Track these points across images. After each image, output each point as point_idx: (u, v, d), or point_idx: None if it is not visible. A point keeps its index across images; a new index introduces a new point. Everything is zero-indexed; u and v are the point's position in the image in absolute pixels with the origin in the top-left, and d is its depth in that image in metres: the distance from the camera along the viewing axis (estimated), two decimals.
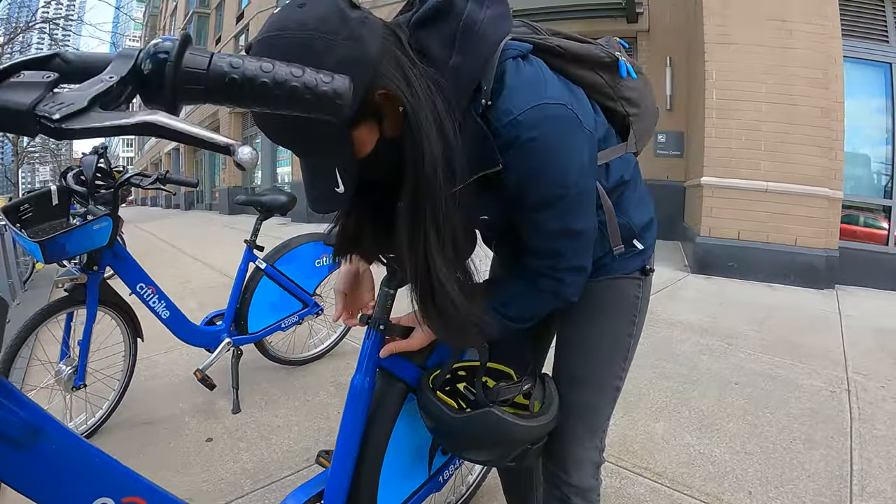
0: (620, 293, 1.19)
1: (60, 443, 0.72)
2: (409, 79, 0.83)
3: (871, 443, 2.39)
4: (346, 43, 0.75)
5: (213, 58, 0.54)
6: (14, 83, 0.51)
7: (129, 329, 2.44)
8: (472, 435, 1.09)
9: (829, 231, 5.67)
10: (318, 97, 0.56)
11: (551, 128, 0.88)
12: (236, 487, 1.98)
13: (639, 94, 1.17)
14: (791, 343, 3.66)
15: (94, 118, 0.48)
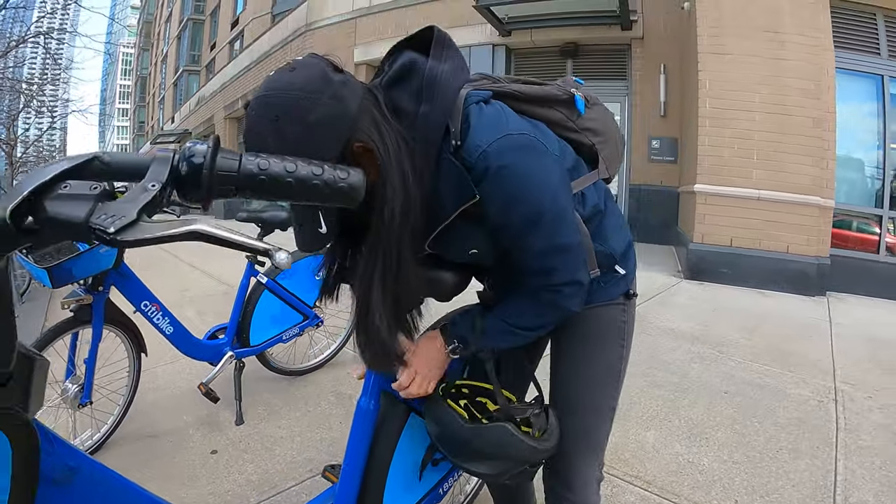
0: (607, 320, 1.27)
1: (94, 478, 0.79)
2: (382, 134, 0.94)
3: (855, 453, 2.47)
4: (329, 102, 0.87)
5: (242, 160, 0.61)
6: (64, 195, 0.57)
7: (133, 346, 2.49)
8: (480, 446, 1.16)
9: (821, 239, 5.78)
10: (336, 191, 0.64)
11: (518, 155, 1.00)
12: (242, 499, 2.04)
13: (600, 123, 1.29)
14: (781, 351, 3.74)
15: (144, 229, 0.55)
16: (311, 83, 0.87)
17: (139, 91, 46.37)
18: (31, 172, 0.59)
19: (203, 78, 22.90)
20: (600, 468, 1.34)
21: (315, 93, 0.86)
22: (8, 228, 0.55)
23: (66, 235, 0.57)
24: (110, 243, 0.54)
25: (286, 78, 0.88)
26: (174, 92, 28.01)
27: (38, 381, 0.67)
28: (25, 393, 0.65)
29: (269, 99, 0.86)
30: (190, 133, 22.12)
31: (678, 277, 6.10)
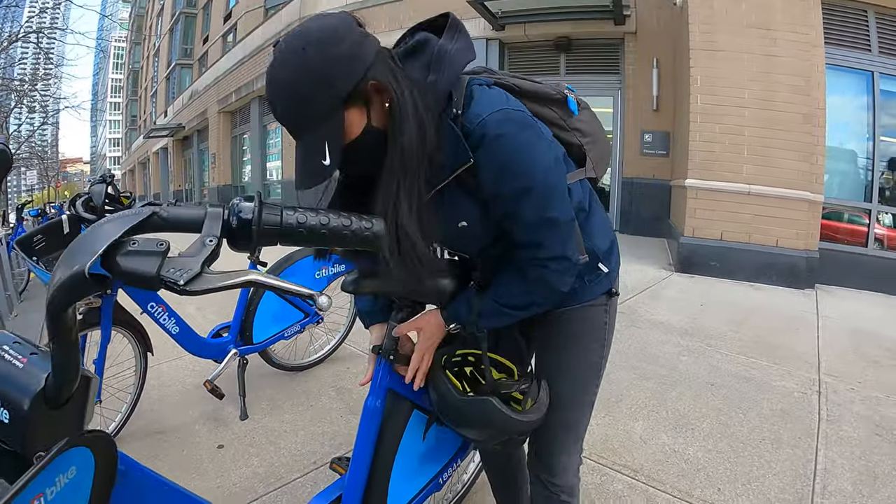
0: (590, 320, 1.38)
1: (138, 480, 0.88)
2: (396, 78, 1.04)
3: (836, 444, 2.58)
4: (352, 43, 0.98)
5: (283, 215, 0.71)
6: (133, 251, 0.67)
7: (140, 346, 2.58)
8: (468, 416, 1.30)
9: (810, 233, 5.88)
10: (363, 239, 0.75)
11: (515, 128, 1.08)
12: (250, 491, 2.14)
13: (589, 125, 1.39)
14: (768, 344, 3.85)
15: (207, 280, 0.65)
16: (339, 26, 0.99)
17: (131, 85, 46.09)
18: (96, 228, 0.68)
19: (196, 72, 22.81)
20: (580, 454, 1.47)
21: (341, 33, 0.98)
22: (86, 281, 0.64)
23: (139, 284, 0.66)
24: (180, 293, 0.64)
25: (319, 20, 1.00)
26: (167, 86, 27.90)
27: (92, 396, 0.77)
28: (83, 408, 0.75)
29: (301, 32, 0.98)
30: (183, 127, 22.06)
31: (669, 270, 6.20)
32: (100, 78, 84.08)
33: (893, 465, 2.43)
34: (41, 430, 0.69)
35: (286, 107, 0.99)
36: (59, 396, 0.70)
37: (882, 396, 3.13)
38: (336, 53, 0.96)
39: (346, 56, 0.97)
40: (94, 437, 0.76)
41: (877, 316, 5.02)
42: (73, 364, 0.71)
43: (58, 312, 0.67)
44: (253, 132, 15.92)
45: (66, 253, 0.68)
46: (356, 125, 1.02)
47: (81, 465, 0.75)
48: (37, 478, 0.66)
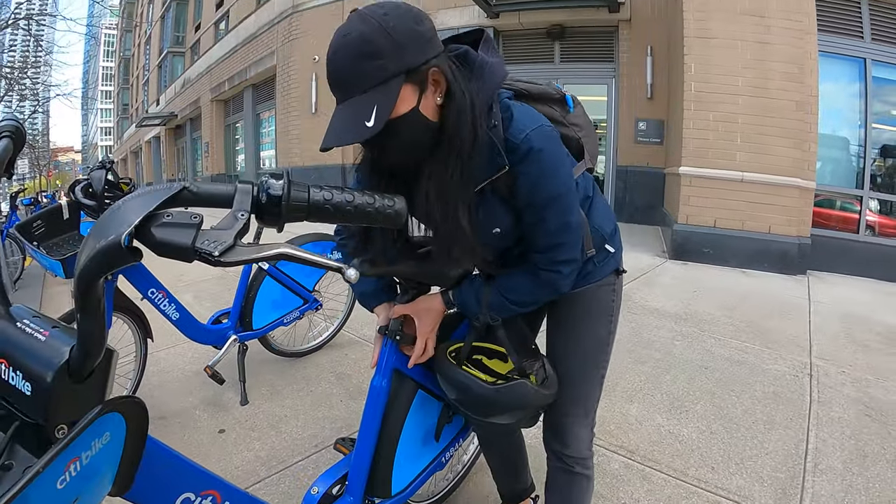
0: (600, 299, 1.46)
1: (156, 455, 0.90)
2: (456, 77, 1.10)
3: (827, 424, 2.63)
4: (427, 29, 1.06)
5: (310, 192, 0.74)
6: (168, 223, 0.68)
7: (140, 332, 2.60)
8: (504, 403, 1.35)
9: (802, 220, 5.94)
10: (386, 216, 0.78)
11: (551, 143, 1.18)
12: (252, 474, 2.17)
13: (582, 119, 1.48)
14: (760, 328, 3.91)
15: (240, 252, 0.67)
16: (420, 11, 1.07)
17: (122, 73, 45.61)
18: (127, 202, 0.70)
19: (188, 60, 22.59)
20: (592, 427, 1.53)
21: (422, 16, 1.06)
22: (121, 251, 0.66)
23: (174, 255, 0.68)
24: (214, 264, 0.66)
25: (379, 5, 1.03)
26: (159, 74, 27.64)
27: (113, 370, 0.79)
28: (104, 382, 0.77)
29: (384, 3, 1.04)
30: (176, 116, 21.89)
31: (663, 257, 6.25)
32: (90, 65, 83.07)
33: (882, 444, 2.49)
34: (63, 403, 0.71)
35: (351, 61, 1.00)
36: (82, 369, 0.72)
37: (872, 379, 3.19)
38: (415, 28, 1.02)
39: (422, 35, 1.03)
40: (127, 403, 0.78)
41: (867, 301, 5.08)
42: (100, 336, 0.72)
43: (89, 283, 0.68)
44: (246, 121, 15.84)
45: (95, 227, 0.69)
46: (405, 103, 1.04)
47: (115, 431, 0.77)
48: (74, 442, 0.68)
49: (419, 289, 1.42)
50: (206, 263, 0.67)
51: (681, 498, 2.06)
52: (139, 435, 0.82)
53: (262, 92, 14.84)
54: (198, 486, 1.00)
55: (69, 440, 0.67)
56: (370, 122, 0.98)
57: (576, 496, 1.51)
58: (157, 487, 0.93)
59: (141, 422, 0.82)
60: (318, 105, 11.33)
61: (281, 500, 2.02)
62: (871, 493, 2.14)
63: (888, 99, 6.69)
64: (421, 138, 1.10)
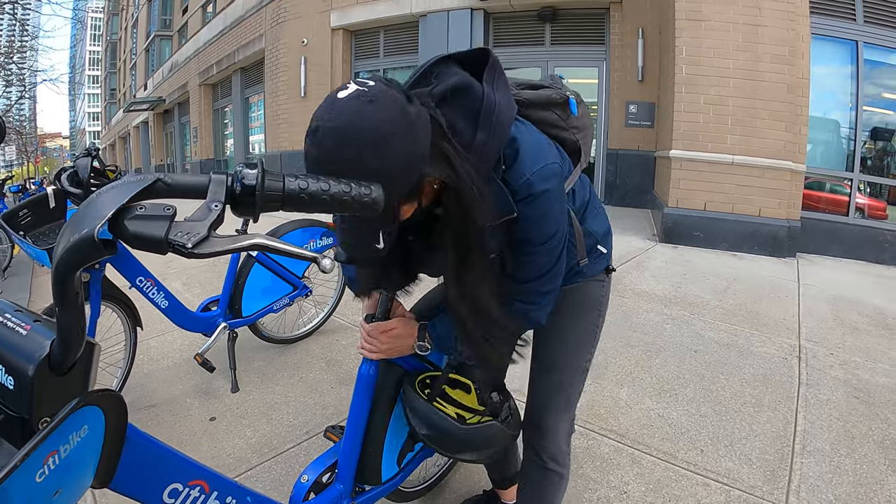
0: (590, 294, 1.47)
1: (141, 446, 0.90)
2: (453, 165, 1.00)
3: (815, 406, 2.66)
4: (406, 142, 0.89)
5: (285, 181, 0.72)
6: (141, 216, 0.68)
7: (129, 320, 2.58)
8: (473, 443, 1.37)
9: (792, 202, 5.96)
10: (363, 205, 0.77)
11: (552, 182, 1.13)
12: (244, 462, 2.17)
13: (582, 120, 1.42)
14: (750, 311, 3.93)
15: (214, 243, 0.66)
16: (390, 120, 0.87)
17: (109, 57, 45.06)
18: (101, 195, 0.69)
19: (175, 43, 22.34)
20: (571, 422, 1.51)
21: (395, 130, 0.88)
22: (95, 245, 0.65)
23: (147, 248, 0.67)
24: (188, 256, 0.66)
25: (365, 111, 0.87)
26: (146, 58, 27.32)
27: (95, 362, 0.78)
28: (87, 375, 0.77)
29: (346, 132, 0.86)
30: (164, 100, 21.68)
31: (653, 241, 6.26)
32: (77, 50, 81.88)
33: (869, 426, 2.51)
34: (46, 396, 0.71)
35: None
36: (63, 362, 0.72)
37: (860, 361, 3.22)
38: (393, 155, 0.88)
39: (405, 155, 0.90)
40: (104, 396, 0.78)
41: (856, 283, 5.12)
42: (79, 329, 0.72)
43: (65, 276, 0.68)
44: (235, 105, 15.70)
45: (72, 218, 0.69)
46: (408, 213, 1.03)
47: (93, 424, 0.77)
48: (51, 435, 0.68)
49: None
50: (179, 255, 0.66)
51: (670, 481, 2.08)
52: (118, 427, 0.82)
53: (251, 76, 14.70)
54: (185, 476, 1.00)
55: (45, 434, 0.67)
56: (380, 245, 0.98)
57: (547, 492, 1.51)
58: (144, 478, 0.93)
59: (119, 414, 0.82)
60: (308, 89, 11.23)
61: (272, 487, 2.02)
62: (859, 474, 2.16)
63: (880, 81, 6.69)
64: (424, 224, 1.13)
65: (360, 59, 11.34)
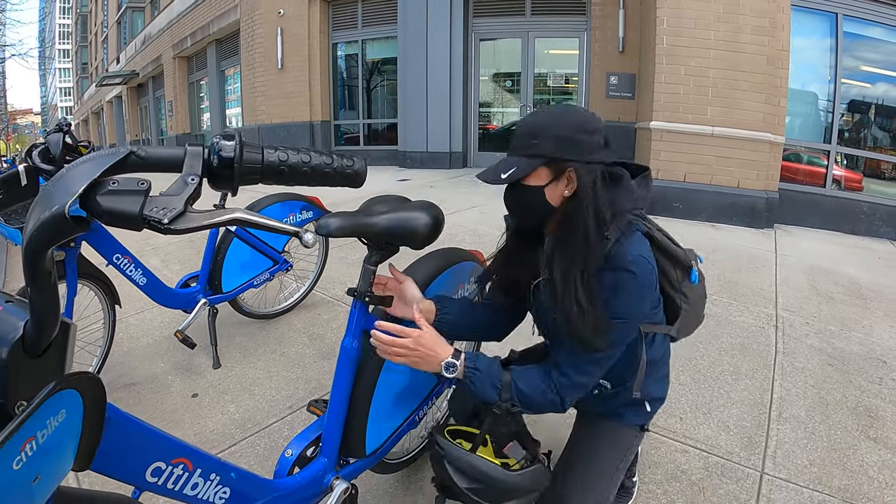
0: (623, 436, 1.55)
1: (122, 426, 0.89)
2: (591, 182, 1.23)
3: (791, 374, 2.71)
4: (591, 141, 1.24)
5: (264, 153, 0.70)
6: (114, 191, 0.65)
7: (107, 298, 2.53)
8: (521, 489, 1.37)
9: (770, 174, 6.01)
10: (345, 176, 0.75)
11: (641, 272, 1.24)
12: (227, 437, 2.17)
13: (694, 295, 1.50)
14: (728, 281, 3.98)
15: (191, 218, 0.64)
16: (598, 126, 1.26)
17: (80, 31, 43.75)
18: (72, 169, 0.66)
19: (148, 15, 21.72)
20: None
21: (597, 127, 1.26)
22: (66, 222, 0.62)
23: (121, 224, 0.65)
24: (164, 232, 0.63)
25: (589, 112, 1.30)
26: (118, 31, 26.58)
27: (71, 343, 0.76)
28: (63, 356, 0.74)
29: (565, 106, 1.34)
30: (137, 74, 21.17)
31: None
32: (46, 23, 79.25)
33: (843, 393, 2.58)
34: (22, 379, 0.69)
35: (524, 132, 1.27)
36: (38, 344, 0.70)
37: (835, 330, 3.28)
38: (575, 133, 1.23)
39: (580, 141, 1.23)
40: (81, 379, 0.76)
41: (832, 254, 5.21)
42: (53, 309, 0.70)
43: (36, 256, 0.65)
44: (211, 78, 15.36)
45: (41, 194, 0.66)
46: (535, 180, 1.26)
47: (71, 407, 0.75)
48: (27, 422, 0.66)
49: (386, 250, 1.39)
50: (155, 231, 0.64)
51: (650, 448, 2.11)
52: (96, 410, 0.80)
53: (227, 48, 14.36)
54: (167, 454, 0.99)
55: (21, 421, 0.65)
56: (504, 175, 1.24)
57: None
58: (125, 458, 0.92)
59: (97, 397, 0.80)
60: (285, 60, 11.02)
61: (257, 461, 2.03)
62: (833, 440, 2.22)
63: (859, 54, 6.72)
64: (535, 211, 1.30)
65: (338, 30, 11.13)
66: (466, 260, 1.76)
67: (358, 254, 4.25)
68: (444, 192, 7.10)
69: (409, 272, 1.56)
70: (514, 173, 1.24)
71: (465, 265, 1.75)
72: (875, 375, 2.77)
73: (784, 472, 2.02)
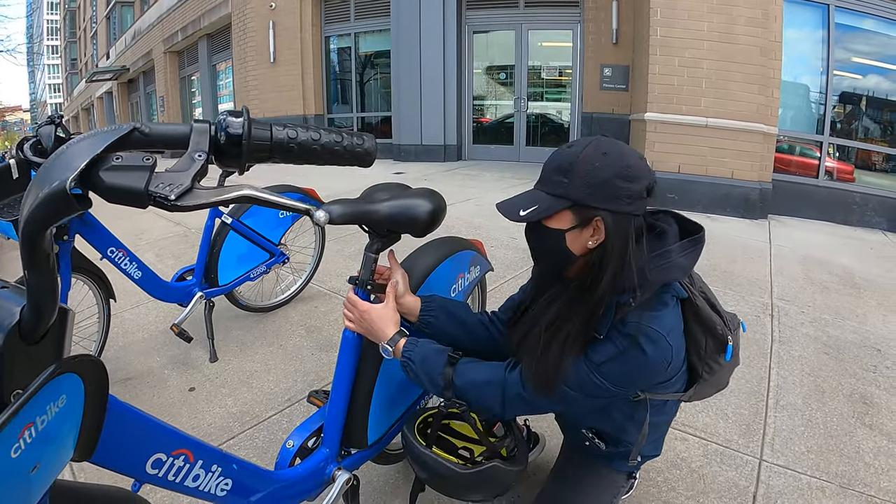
0: (610, 480, 1.50)
1: (122, 417, 0.87)
2: (621, 235, 1.13)
3: (787, 363, 2.72)
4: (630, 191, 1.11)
5: (272, 130, 0.68)
6: (118, 166, 0.63)
7: (101, 292, 2.51)
8: (475, 485, 1.35)
9: (764, 165, 6.03)
10: (355, 155, 0.73)
11: (656, 356, 1.14)
12: (225, 430, 2.15)
13: (720, 369, 1.38)
14: (723, 272, 3.99)
15: (199, 195, 0.62)
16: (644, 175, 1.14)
17: (69, 26, 43.32)
18: (72, 146, 0.64)
19: (138, 10, 21.50)
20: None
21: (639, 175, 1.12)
22: (67, 198, 0.60)
23: (126, 202, 0.63)
24: (171, 209, 0.61)
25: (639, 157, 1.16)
26: (107, 26, 26.34)
27: (70, 330, 0.74)
28: (61, 343, 0.72)
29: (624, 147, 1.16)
30: (128, 69, 21.00)
31: None
32: (34, 19, 78.46)
33: (839, 380, 2.59)
34: (18, 367, 0.67)
35: (555, 165, 1.16)
36: (35, 330, 0.68)
37: (830, 318, 3.30)
38: (612, 179, 1.10)
39: (615, 188, 1.10)
40: (83, 362, 0.74)
41: (826, 244, 5.24)
42: (51, 294, 0.67)
43: (34, 236, 0.63)
44: (202, 73, 15.26)
45: (39, 174, 0.64)
46: (557, 223, 1.16)
47: (71, 392, 0.73)
48: (26, 407, 0.64)
49: (388, 237, 1.38)
50: (161, 209, 0.63)
51: None
52: (99, 396, 0.78)
53: (218, 42, 14.26)
54: (168, 446, 0.97)
55: (20, 405, 0.63)
56: (523, 213, 1.15)
57: None
58: (126, 450, 0.91)
59: (100, 382, 0.77)
60: (277, 54, 10.96)
61: (256, 454, 2.02)
62: (829, 426, 2.23)
63: (850, 46, 6.74)
64: (553, 256, 1.21)
65: (331, 23, 11.07)
66: (466, 249, 1.75)
67: (355, 246, 4.25)
68: (439, 185, 7.06)
69: (409, 262, 1.56)
70: (534, 212, 1.14)
71: (466, 254, 1.74)
72: (870, 363, 2.79)
73: (782, 458, 2.03)
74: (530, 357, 1.21)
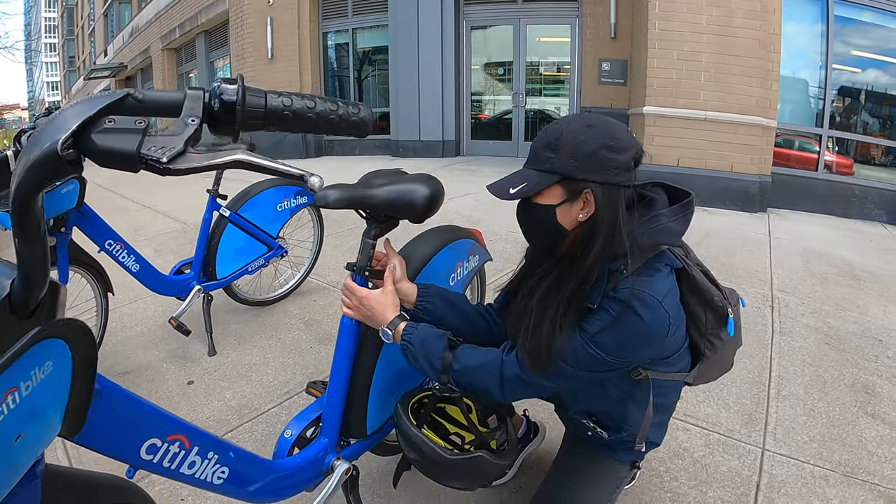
0: (613, 471, 1.46)
1: (114, 399, 0.86)
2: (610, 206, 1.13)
3: (788, 353, 2.71)
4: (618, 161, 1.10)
5: (267, 97, 0.67)
6: (111, 129, 0.62)
7: (99, 285, 2.50)
8: (456, 472, 1.34)
9: (763, 158, 6.02)
10: (350, 124, 0.72)
11: (653, 323, 1.12)
12: (224, 423, 2.14)
13: (723, 345, 1.36)
14: (724, 264, 3.98)
15: (192, 158, 0.61)
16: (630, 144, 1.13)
17: (66, 24, 43.25)
18: (65, 111, 0.63)
19: (135, 7, 21.46)
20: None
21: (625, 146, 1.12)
22: (58, 159, 0.59)
23: (117, 165, 0.62)
24: (162, 172, 0.60)
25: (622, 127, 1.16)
26: (105, 23, 26.27)
27: (62, 306, 0.72)
28: (53, 314, 0.70)
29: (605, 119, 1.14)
30: (125, 66, 20.97)
31: None
32: (32, 16, 78.28)
33: (840, 370, 2.58)
34: (8, 341, 0.64)
35: (543, 142, 1.15)
36: (26, 303, 0.66)
37: (830, 309, 3.29)
38: (599, 150, 1.09)
39: (603, 159, 1.10)
40: (70, 326, 0.71)
41: (825, 236, 5.23)
42: (42, 264, 0.66)
43: (25, 200, 0.62)
44: (200, 70, 15.21)
45: (31, 139, 0.63)
46: (546, 198, 1.15)
47: (58, 359, 0.70)
48: (9, 369, 0.61)
49: (386, 222, 1.36)
50: (153, 172, 0.62)
51: None
52: (86, 364, 0.76)
53: (216, 39, 14.22)
54: (163, 431, 0.96)
55: (1, 367, 0.60)
56: (512, 191, 1.14)
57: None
58: (119, 434, 0.89)
59: (88, 350, 0.75)
60: (275, 51, 10.92)
61: (255, 447, 2.00)
62: (831, 416, 2.22)
63: (849, 39, 6.73)
64: (544, 232, 1.20)
65: (328, 19, 11.03)
66: (465, 238, 1.74)
67: (352, 241, 4.23)
68: None
69: (406, 250, 1.54)
70: (523, 189, 1.14)
71: (464, 243, 1.73)
72: (871, 353, 2.78)
73: (785, 448, 2.02)
74: (525, 334, 1.20)
